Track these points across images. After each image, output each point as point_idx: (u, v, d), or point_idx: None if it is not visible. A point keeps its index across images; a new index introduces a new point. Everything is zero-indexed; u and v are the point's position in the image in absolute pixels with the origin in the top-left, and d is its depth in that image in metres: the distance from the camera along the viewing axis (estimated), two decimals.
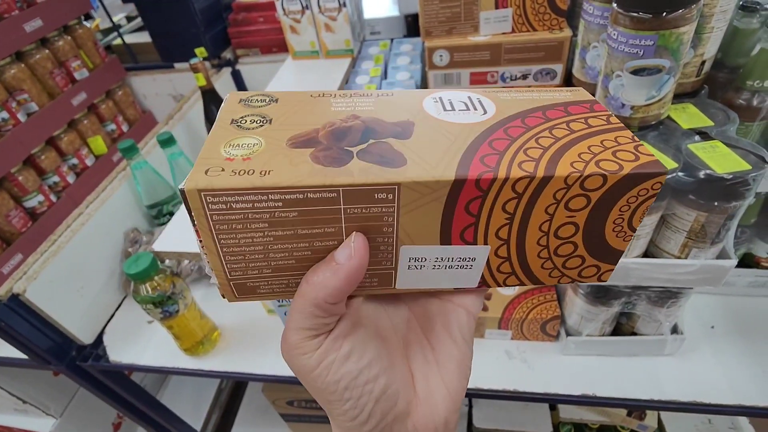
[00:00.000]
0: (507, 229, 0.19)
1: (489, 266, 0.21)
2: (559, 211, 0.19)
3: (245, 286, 0.21)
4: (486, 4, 0.55)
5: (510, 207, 0.19)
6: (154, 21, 1.09)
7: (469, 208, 0.18)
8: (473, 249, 0.20)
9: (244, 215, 0.18)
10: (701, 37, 0.44)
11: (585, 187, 0.18)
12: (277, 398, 0.97)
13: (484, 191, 0.18)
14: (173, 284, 0.60)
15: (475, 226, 0.19)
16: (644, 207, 0.19)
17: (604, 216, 0.19)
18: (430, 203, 0.18)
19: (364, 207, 0.18)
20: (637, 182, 0.18)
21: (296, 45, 0.95)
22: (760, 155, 0.40)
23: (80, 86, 1.05)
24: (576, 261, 0.21)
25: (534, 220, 0.19)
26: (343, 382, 0.19)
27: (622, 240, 0.20)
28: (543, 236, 0.20)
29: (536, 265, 0.21)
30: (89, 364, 0.71)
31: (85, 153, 1.07)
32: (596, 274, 0.21)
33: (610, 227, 0.19)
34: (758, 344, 0.59)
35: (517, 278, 0.22)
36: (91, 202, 0.74)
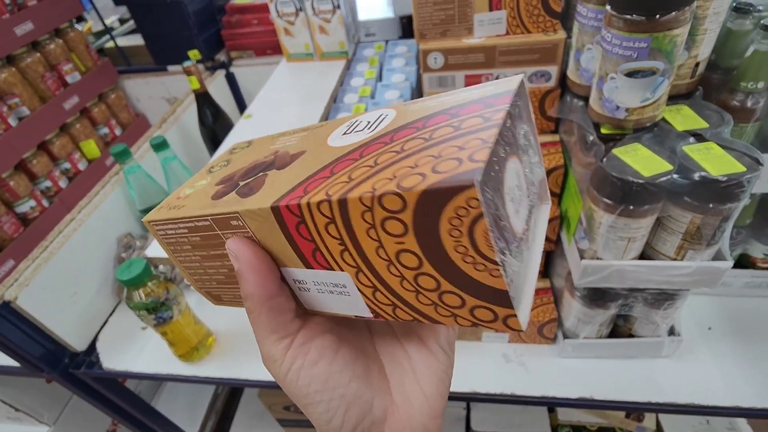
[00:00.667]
0: (348, 254, 0.18)
1: (366, 296, 0.19)
2: (382, 235, 0.17)
3: (212, 295, 0.24)
4: (480, 6, 0.55)
5: (333, 231, 0.18)
6: (146, 24, 1.08)
7: (300, 231, 0.18)
8: (335, 275, 0.19)
9: (176, 239, 0.22)
10: (695, 39, 0.44)
11: (387, 208, 0.16)
12: (273, 403, 0.96)
13: (299, 215, 0.18)
14: (167, 290, 0.59)
15: (319, 250, 0.19)
16: (480, 230, 0.15)
17: (437, 244, 0.16)
18: (272, 229, 0.19)
19: (230, 232, 0.20)
20: (442, 199, 0.15)
21: (290, 47, 0.95)
22: (755, 157, 0.40)
23: (72, 90, 1.04)
24: (454, 299, 0.18)
25: (366, 246, 0.17)
26: (314, 385, 0.20)
27: (488, 275, 0.16)
28: (389, 264, 0.17)
29: (411, 298, 0.19)
30: (82, 372, 0.70)
31: (77, 157, 1.06)
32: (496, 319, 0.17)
33: (458, 258, 0.16)
34: (755, 345, 0.59)
35: (405, 312, 0.19)
36: (83, 207, 0.73)
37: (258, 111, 0.84)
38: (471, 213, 0.14)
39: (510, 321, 0.17)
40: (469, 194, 0.14)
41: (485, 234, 0.15)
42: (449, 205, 0.15)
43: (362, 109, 0.75)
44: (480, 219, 0.14)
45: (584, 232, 0.49)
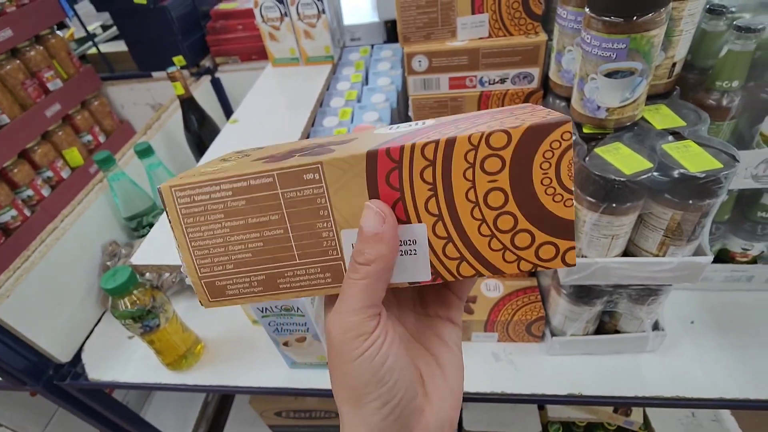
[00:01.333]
0: (434, 201, 0.19)
1: (434, 251, 0.20)
2: (478, 175, 0.19)
3: (215, 286, 0.22)
4: (462, 9, 0.55)
5: (428, 176, 0.19)
6: (129, 30, 1.07)
7: (390, 180, 0.19)
8: (410, 228, 0.20)
9: (204, 207, 0.21)
10: (671, 39, 0.45)
11: (492, 145, 0.18)
12: (265, 409, 0.95)
13: (396, 161, 0.19)
14: (153, 298, 0.59)
15: (402, 200, 0.19)
16: (566, 161, 0.18)
17: (527, 177, 0.19)
18: (353, 179, 0.19)
19: (297, 190, 0.20)
20: (542, 134, 0.18)
21: (276, 52, 0.94)
22: (731, 154, 0.41)
23: (54, 97, 1.02)
24: (525, 238, 0.20)
25: (457, 188, 0.19)
26: (389, 363, 0.19)
27: (563, 205, 0.19)
28: (474, 206, 0.19)
29: (483, 245, 0.20)
30: (68, 383, 0.68)
31: (60, 165, 1.05)
32: (557, 255, 0.20)
33: (541, 190, 0.19)
34: (736, 338, 0.60)
35: (469, 265, 0.20)
36: (66, 215, 0.72)
37: (244, 116, 0.84)
38: (563, 145, 0.18)
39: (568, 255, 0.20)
40: (565, 128, 0.18)
41: (569, 163, 0.18)
42: (547, 139, 0.18)
43: (349, 113, 0.75)
44: (569, 150, 0.18)
45: None
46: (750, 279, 0.63)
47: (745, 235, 0.60)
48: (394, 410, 0.20)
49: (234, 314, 0.73)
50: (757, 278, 0.63)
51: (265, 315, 0.54)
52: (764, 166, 0.50)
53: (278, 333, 0.57)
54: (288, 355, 0.62)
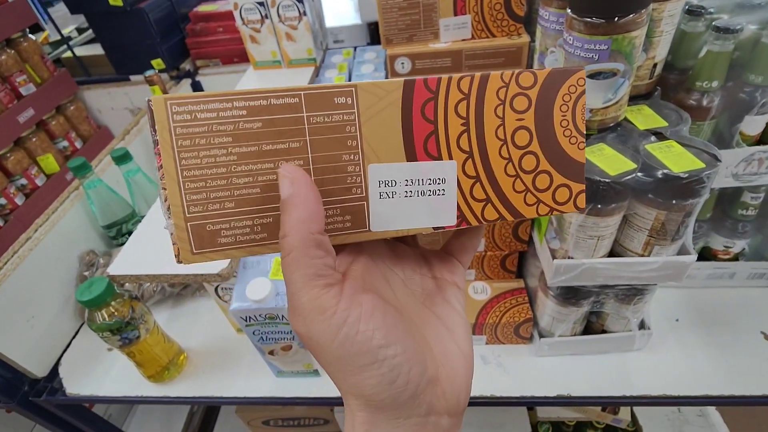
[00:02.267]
0: (466, 137, 0.20)
1: (462, 192, 0.20)
2: (507, 112, 0.20)
3: (204, 232, 0.18)
4: (445, 11, 0.55)
5: (462, 109, 0.20)
6: (106, 33, 1.04)
7: (425, 111, 0.19)
8: (440, 165, 0.20)
9: (208, 127, 0.17)
10: (652, 40, 0.45)
11: (520, 84, 0.20)
12: (252, 419, 0.94)
13: (433, 92, 0.19)
14: (132, 309, 0.57)
15: (436, 135, 0.19)
16: (581, 105, 0.21)
17: (549, 117, 0.20)
18: (388, 107, 0.19)
19: (325, 114, 0.18)
20: (563, 77, 0.20)
21: (257, 55, 0.93)
22: (713, 153, 0.41)
23: (27, 102, 0.99)
24: (545, 180, 0.21)
25: (489, 124, 0.20)
26: (376, 339, 0.17)
27: (576, 147, 0.21)
28: (502, 145, 0.20)
29: (508, 186, 0.21)
30: (44, 399, 0.66)
31: (35, 172, 1.01)
32: (570, 198, 0.21)
33: (560, 131, 0.21)
34: (720, 334, 0.61)
35: (494, 209, 0.21)
36: (40, 225, 0.70)
37: None
38: (578, 90, 0.21)
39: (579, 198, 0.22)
40: (581, 74, 0.20)
41: (583, 108, 0.21)
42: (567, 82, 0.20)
43: None
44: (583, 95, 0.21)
45: (555, 232, 0.50)
46: (732, 276, 0.64)
47: (726, 233, 0.60)
48: (407, 386, 0.17)
49: (218, 323, 0.71)
50: (739, 275, 0.64)
51: (249, 324, 0.53)
52: (744, 165, 0.51)
53: (263, 342, 0.56)
54: (274, 364, 0.61)
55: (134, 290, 0.71)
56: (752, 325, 0.61)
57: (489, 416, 0.90)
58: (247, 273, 0.54)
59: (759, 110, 0.47)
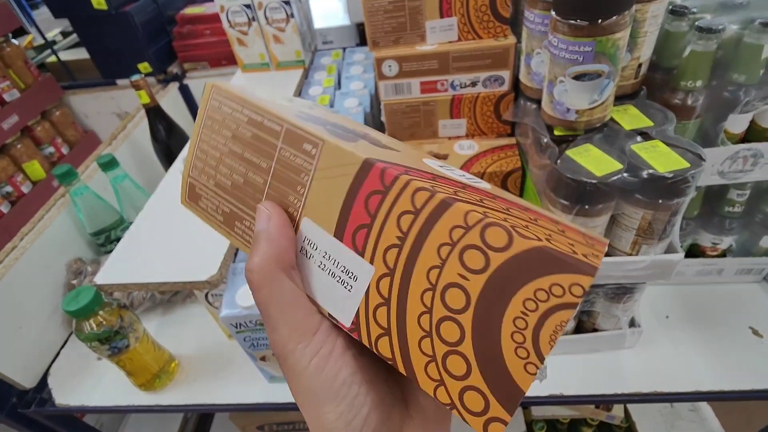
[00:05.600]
0: (395, 253, 0.17)
1: (367, 305, 0.18)
2: (453, 259, 0.15)
3: (194, 191, 0.23)
4: (431, 13, 0.55)
5: (404, 223, 0.16)
6: (91, 37, 1.03)
7: (368, 202, 0.17)
8: (359, 262, 0.18)
9: (223, 119, 0.21)
10: (636, 41, 0.46)
11: (485, 239, 0.15)
12: (246, 424, 0.93)
13: (385, 187, 0.17)
14: (121, 318, 0.56)
15: (368, 230, 0.17)
16: (555, 321, 0.14)
17: (502, 303, 0.15)
18: (340, 177, 0.18)
19: (292, 153, 0.19)
20: (548, 267, 0.14)
21: (245, 58, 0.92)
22: (698, 153, 0.41)
23: (11, 108, 0.98)
24: (459, 365, 0.16)
25: (424, 256, 0.16)
26: (341, 376, 0.18)
27: (523, 368, 0.14)
28: (429, 289, 0.16)
29: (414, 337, 0.17)
30: (33, 410, 0.65)
31: (20, 179, 1.00)
32: (482, 413, 0.15)
33: (507, 331, 0.14)
34: (709, 330, 0.61)
35: (389, 347, 0.17)
36: (25, 234, 0.69)
37: None
38: (564, 299, 0.13)
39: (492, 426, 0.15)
40: (580, 280, 0.13)
41: (560, 326, 0.14)
42: (551, 276, 0.14)
43: None
44: (567, 309, 0.13)
45: None
46: (720, 272, 0.65)
47: (714, 230, 0.61)
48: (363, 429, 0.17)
49: (209, 330, 0.70)
50: (727, 271, 0.64)
51: (240, 331, 0.52)
52: (730, 163, 0.51)
53: (254, 348, 0.55)
54: (266, 370, 0.61)
55: (123, 298, 0.70)
56: (741, 321, 0.62)
57: None
58: (236, 279, 0.53)
59: (743, 109, 0.48)
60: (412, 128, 0.64)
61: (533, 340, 0.14)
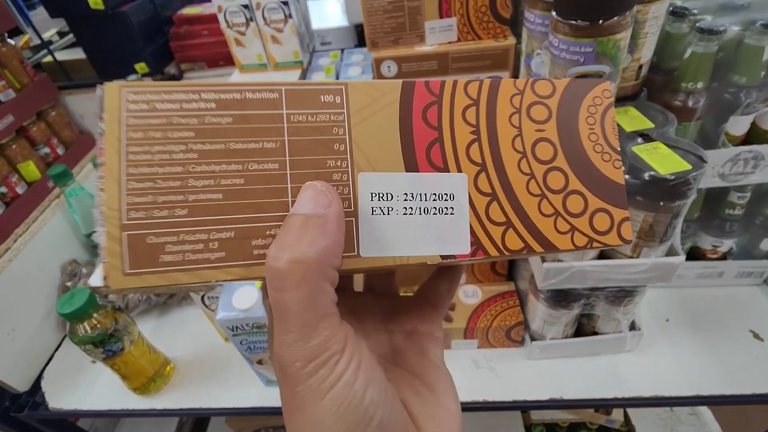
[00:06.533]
0: (477, 147, 0.17)
1: (476, 212, 0.17)
2: (524, 122, 0.18)
3: (143, 245, 0.15)
4: (430, 13, 0.54)
5: (471, 116, 0.17)
6: (87, 37, 1.03)
7: (428, 116, 0.17)
8: (448, 178, 0.16)
9: (167, 119, 0.15)
10: (637, 42, 0.45)
11: (537, 92, 0.18)
12: (243, 428, 0.92)
13: (436, 95, 0.17)
14: (116, 320, 0.55)
15: (441, 143, 0.17)
16: (610, 118, 0.18)
17: (574, 129, 0.18)
18: (384, 109, 0.16)
19: (309, 113, 0.16)
20: (585, 87, 0.18)
21: (242, 58, 0.92)
22: (699, 155, 0.41)
23: (6, 108, 0.96)
24: (577, 202, 0.18)
25: (503, 134, 0.17)
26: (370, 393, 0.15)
27: (612, 166, 0.18)
28: (522, 157, 0.17)
29: (533, 208, 0.17)
30: (26, 414, 0.64)
31: (15, 180, 0.99)
32: (612, 227, 0.18)
33: (589, 146, 0.18)
34: (709, 333, 0.61)
35: (518, 235, 0.17)
36: (19, 235, 0.68)
37: None
38: (605, 102, 0.18)
39: (623, 227, 0.18)
40: (605, 86, 0.19)
41: (614, 123, 0.18)
42: (590, 93, 0.18)
43: None
44: (611, 108, 0.18)
45: None
46: (721, 275, 0.64)
47: (714, 233, 0.61)
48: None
49: (205, 333, 0.70)
50: (727, 274, 0.64)
51: (237, 334, 0.52)
52: (730, 165, 0.51)
53: (251, 351, 0.55)
54: (263, 373, 0.60)
55: (118, 300, 0.69)
56: (741, 324, 0.62)
57: (482, 419, 0.89)
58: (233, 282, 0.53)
59: (744, 110, 0.48)
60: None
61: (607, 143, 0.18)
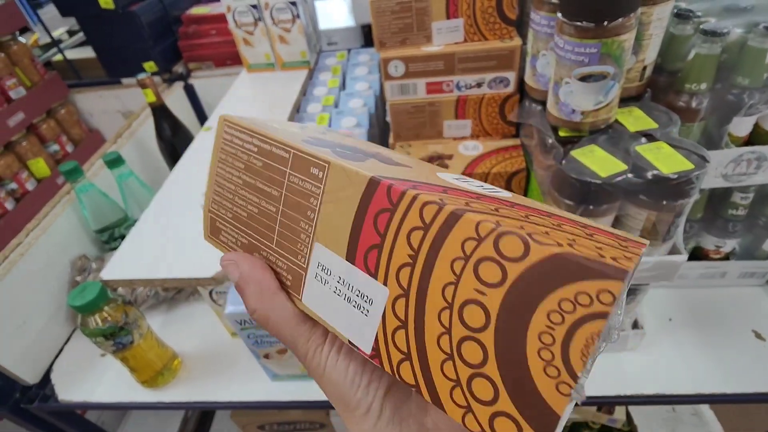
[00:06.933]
0: (408, 272, 0.16)
1: (385, 328, 0.17)
2: (467, 274, 0.14)
3: (215, 225, 0.24)
4: (437, 14, 0.55)
5: (415, 240, 0.16)
6: (97, 35, 1.04)
7: (378, 222, 0.17)
8: (373, 284, 0.17)
9: (235, 151, 0.22)
10: (641, 43, 0.46)
11: (500, 249, 0.14)
12: (247, 423, 0.93)
13: (393, 204, 0.16)
14: (126, 314, 0.56)
15: (379, 250, 0.17)
16: (585, 334, 0.12)
17: (524, 318, 0.13)
18: (347, 198, 0.18)
19: (301, 179, 0.19)
20: (571, 274, 0.12)
21: (250, 57, 0.93)
22: (701, 155, 0.42)
23: (17, 106, 0.98)
24: (486, 389, 0.14)
25: (438, 273, 0.15)
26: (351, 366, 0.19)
27: (555, 388, 0.13)
28: (445, 308, 0.15)
29: (436, 361, 0.15)
30: (36, 406, 0.65)
31: (25, 177, 1.00)
32: None
33: (533, 347, 0.13)
34: (712, 333, 0.61)
35: (411, 371, 0.16)
36: (30, 230, 0.69)
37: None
38: (593, 308, 0.12)
39: None
40: (609, 286, 0.12)
41: (592, 339, 0.12)
42: (576, 284, 0.12)
43: (326, 119, 0.74)
44: (598, 320, 0.12)
45: None
46: (723, 275, 0.65)
47: (717, 233, 0.61)
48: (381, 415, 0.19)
49: (212, 327, 0.71)
50: (730, 274, 0.64)
51: (244, 327, 0.53)
52: (733, 166, 0.51)
53: (258, 345, 0.55)
54: (269, 368, 0.61)
55: (127, 295, 0.70)
56: (744, 324, 0.62)
57: None
58: None
59: (747, 112, 0.48)
60: (417, 128, 0.64)
61: (563, 357, 0.13)
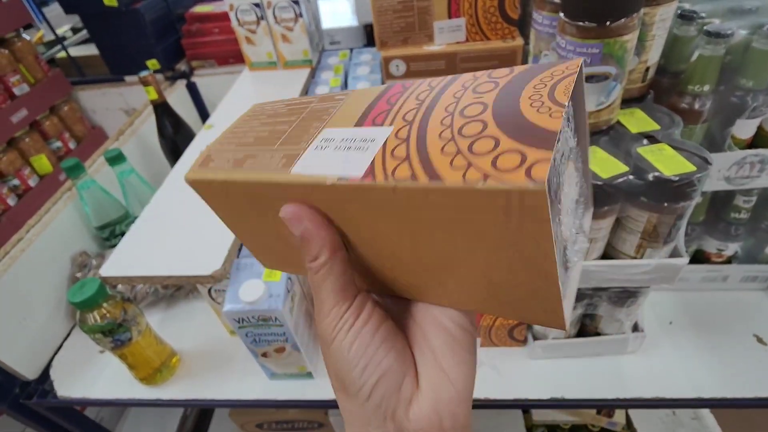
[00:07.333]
0: (414, 112, 0.19)
1: (384, 150, 0.18)
2: (466, 94, 0.18)
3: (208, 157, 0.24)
4: (439, 13, 0.55)
5: (423, 95, 0.20)
6: (101, 33, 1.04)
7: (390, 99, 0.21)
8: (378, 130, 0.19)
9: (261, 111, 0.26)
10: (644, 44, 0.46)
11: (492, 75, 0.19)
12: (245, 422, 0.93)
13: (405, 87, 0.21)
14: (124, 311, 0.56)
15: (387, 112, 0.20)
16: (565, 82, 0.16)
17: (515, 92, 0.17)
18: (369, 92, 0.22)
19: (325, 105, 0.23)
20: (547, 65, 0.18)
21: (253, 56, 0.93)
22: (704, 157, 0.41)
23: (20, 102, 0.98)
24: (486, 144, 0.15)
25: (441, 103, 0.19)
26: (355, 347, 0.19)
27: (547, 116, 0.15)
28: (447, 116, 0.18)
29: (435, 148, 0.16)
30: (35, 402, 0.65)
31: (27, 173, 1.01)
32: (520, 165, 0.14)
33: (526, 103, 0.16)
34: (713, 337, 0.61)
35: (409, 166, 0.16)
36: (32, 226, 0.69)
37: (220, 121, 0.82)
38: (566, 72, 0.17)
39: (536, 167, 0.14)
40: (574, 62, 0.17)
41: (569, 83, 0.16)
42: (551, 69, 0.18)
43: None
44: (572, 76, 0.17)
45: None
46: (725, 279, 0.64)
47: (719, 236, 0.61)
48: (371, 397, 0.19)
49: (211, 325, 0.71)
50: (732, 278, 0.64)
51: (242, 326, 0.53)
52: (736, 168, 0.51)
53: (256, 344, 0.55)
54: (267, 367, 0.61)
55: (127, 292, 0.70)
56: (745, 328, 0.62)
57: (484, 420, 0.90)
58: (240, 275, 0.54)
59: (750, 114, 0.48)
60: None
61: (550, 98, 0.16)
